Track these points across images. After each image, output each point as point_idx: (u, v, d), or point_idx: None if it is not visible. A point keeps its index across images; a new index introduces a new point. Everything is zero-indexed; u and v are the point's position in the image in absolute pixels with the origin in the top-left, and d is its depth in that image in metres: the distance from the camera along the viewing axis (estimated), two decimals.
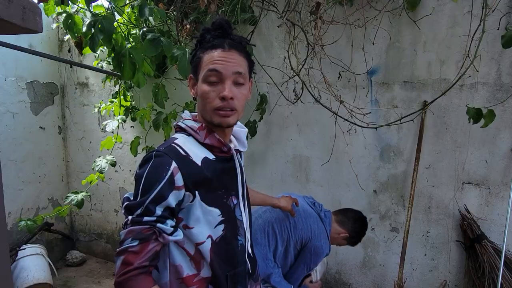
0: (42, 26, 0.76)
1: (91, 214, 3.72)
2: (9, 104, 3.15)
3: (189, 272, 1.05)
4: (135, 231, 0.96)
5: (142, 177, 1.00)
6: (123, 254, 0.95)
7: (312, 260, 1.83)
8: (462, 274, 2.25)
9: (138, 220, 0.96)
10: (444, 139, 2.22)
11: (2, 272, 0.69)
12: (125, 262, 0.95)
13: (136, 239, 0.95)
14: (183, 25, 2.55)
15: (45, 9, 2.30)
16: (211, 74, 1.02)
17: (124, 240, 0.96)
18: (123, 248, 0.96)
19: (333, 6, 2.32)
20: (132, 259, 0.94)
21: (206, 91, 1.03)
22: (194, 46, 1.11)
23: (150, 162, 1.01)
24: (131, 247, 0.95)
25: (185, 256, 1.05)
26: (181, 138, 1.06)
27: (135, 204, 0.98)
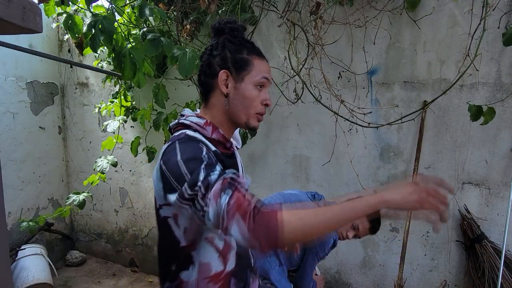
0: (42, 26, 0.76)
1: (91, 214, 3.72)
2: (9, 104, 3.15)
3: (217, 269, 1.03)
4: (217, 190, 0.85)
5: (178, 163, 0.91)
6: (231, 212, 0.82)
7: (319, 248, 1.79)
8: (462, 274, 2.25)
9: (207, 182, 0.86)
10: (444, 139, 2.22)
11: (2, 272, 0.69)
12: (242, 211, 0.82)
13: (225, 192, 0.84)
14: (183, 25, 2.55)
15: (45, 10, 2.30)
16: (264, 82, 1.06)
17: (218, 204, 0.83)
18: (225, 210, 0.82)
19: (333, 6, 2.32)
20: (241, 205, 0.82)
21: (255, 96, 1.05)
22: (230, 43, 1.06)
23: (176, 148, 0.95)
24: (230, 200, 0.83)
25: (214, 253, 1.03)
26: (189, 132, 1.03)
27: (195, 175, 0.88)
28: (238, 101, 1.05)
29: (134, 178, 3.41)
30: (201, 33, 2.67)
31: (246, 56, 1.05)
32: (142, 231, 3.46)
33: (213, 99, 1.07)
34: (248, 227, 0.81)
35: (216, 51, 1.06)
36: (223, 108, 1.06)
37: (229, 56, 1.05)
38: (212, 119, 1.07)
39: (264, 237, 0.81)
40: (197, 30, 2.64)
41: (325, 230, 0.85)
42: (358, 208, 0.85)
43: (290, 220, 0.82)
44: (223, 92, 1.04)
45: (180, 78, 2.70)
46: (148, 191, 3.36)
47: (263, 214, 0.82)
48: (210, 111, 1.08)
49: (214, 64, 1.05)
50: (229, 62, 1.05)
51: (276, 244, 0.82)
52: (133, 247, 3.53)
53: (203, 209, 0.86)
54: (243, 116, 1.06)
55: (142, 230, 3.46)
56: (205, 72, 1.07)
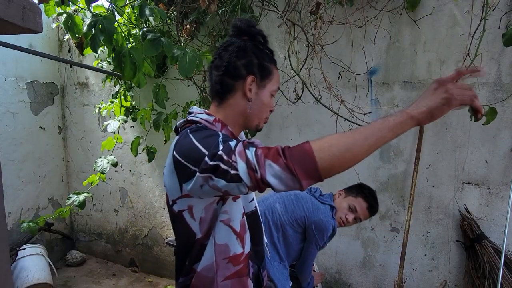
0: (42, 26, 0.76)
1: (91, 214, 3.72)
2: (9, 104, 3.15)
3: (236, 251, 1.04)
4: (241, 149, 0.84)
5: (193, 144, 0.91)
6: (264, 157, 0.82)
7: (318, 237, 1.78)
8: (462, 274, 2.25)
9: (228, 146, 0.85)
10: (444, 139, 2.22)
11: (2, 272, 0.69)
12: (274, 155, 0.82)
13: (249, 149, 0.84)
14: (183, 25, 2.55)
15: (45, 10, 2.30)
16: (276, 90, 1.13)
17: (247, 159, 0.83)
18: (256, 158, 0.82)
19: (333, 6, 2.32)
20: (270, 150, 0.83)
21: (269, 103, 1.11)
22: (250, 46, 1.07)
23: (189, 135, 0.95)
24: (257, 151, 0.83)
25: (231, 234, 1.03)
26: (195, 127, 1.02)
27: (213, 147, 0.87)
28: (257, 106, 1.08)
29: (134, 178, 3.41)
30: (201, 33, 2.67)
31: (269, 65, 1.09)
32: (142, 231, 3.46)
33: (231, 100, 1.07)
34: (281, 166, 0.80)
35: (242, 53, 1.06)
36: (239, 109, 1.08)
37: (256, 62, 1.06)
38: (224, 118, 1.08)
39: (300, 169, 0.80)
40: (197, 30, 2.64)
41: (358, 153, 0.82)
42: (387, 128, 0.83)
43: (322, 147, 0.81)
44: (248, 97, 1.06)
45: (180, 78, 2.70)
46: (148, 191, 3.36)
47: (293, 149, 0.82)
48: (224, 110, 1.08)
49: (239, 66, 1.05)
50: (256, 68, 1.06)
51: (314, 174, 0.81)
52: (133, 247, 3.53)
53: (230, 172, 0.83)
54: (256, 120, 1.11)
55: (142, 230, 3.46)
56: (228, 72, 1.06)
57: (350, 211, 1.85)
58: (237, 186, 0.84)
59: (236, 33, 1.09)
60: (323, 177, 0.82)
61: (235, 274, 1.05)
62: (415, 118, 0.83)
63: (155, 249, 3.41)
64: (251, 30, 1.08)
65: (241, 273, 1.06)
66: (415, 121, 0.84)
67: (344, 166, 0.82)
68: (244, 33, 1.08)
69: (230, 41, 1.09)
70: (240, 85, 1.06)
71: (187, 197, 0.99)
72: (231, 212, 1.03)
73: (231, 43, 1.08)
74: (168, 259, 3.34)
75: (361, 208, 1.84)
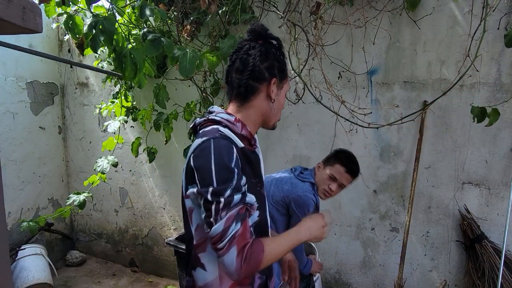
0: (42, 26, 0.76)
1: (91, 214, 3.72)
2: (9, 104, 3.15)
3: None
4: (234, 215, 0.96)
5: (210, 165, 0.98)
6: (234, 243, 0.95)
7: (299, 213, 1.79)
8: (462, 274, 2.25)
9: (230, 200, 0.96)
10: (444, 139, 2.22)
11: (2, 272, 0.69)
12: (241, 248, 0.96)
13: (238, 221, 0.96)
14: (184, 26, 2.55)
15: (45, 10, 2.30)
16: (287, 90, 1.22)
17: (227, 227, 0.95)
18: (230, 237, 0.95)
19: (333, 6, 2.32)
20: (242, 241, 0.96)
21: (284, 103, 1.22)
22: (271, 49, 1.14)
23: (211, 148, 1.00)
24: (236, 232, 0.95)
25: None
26: (221, 128, 1.07)
27: (223, 187, 0.96)
28: (277, 106, 1.17)
29: (134, 178, 3.41)
30: (201, 34, 2.67)
31: (285, 67, 1.18)
32: (142, 231, 3.46)
33: (255, 101, 1.13)
34: (238, 263, 0.95)
35: (264, 56, 1.12)
36: (262, 110, 1.15)
37: (276, 65, 1.14)
38: (245, 118, 1.13)
39: (245, 273, 0.97)
40: (197, 31, 2.64)
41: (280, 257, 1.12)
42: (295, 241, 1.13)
43: (266, 259, 1.00)
44: (271, 98, 1.14)
45: (180, 78, 2.70)
46: (148, 191, 3.36)
47: (252, 255, 0.97)
48: (246, 111, 1.13)
49: (263, 70, 1.11)
50: (276, 70, 1.14)
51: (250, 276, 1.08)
52: (133, 247, 3.53)
53: (211, 219, 0.96)
54: (274, 119, 1.19)
55: (142, 230, 3.46)
56: (254, 76, 1.11)
57: (331, 180, 1.84)
58: (206, 228, 0.99)
59: (253, 37, 1.15)
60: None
61: (236, 283, 1.08)
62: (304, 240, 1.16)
63: (155, 249, 3.41)
64: (268, 34, 1.15)
65: (243, 283, 1.09)
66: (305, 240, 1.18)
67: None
68: (261, 37, 1.14)
69: (248, 45, 1.13)
70: (264, 87, 1.12)
71: (189, 199, 1.05)
72: None
73: (251, 47, 1.13)
74: (168, 259, 3.34)
75: (341, 174, 1.83)
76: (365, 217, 2.50)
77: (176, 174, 3.15)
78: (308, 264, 1.97)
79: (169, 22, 2.58)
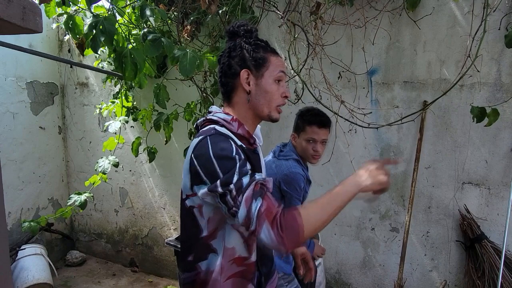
0: (42, 26, 0.76)
1: (91, 214, 3.72)
2: (9, 104, 3.15)
3: (241, 254, 1.09)
4: (250, 195, 0.95)
5: (211, 159, 0.99)
6: (262, 219, 0.93)
7: (291, 190, 1.75)
8: (462, 274, 2.25)
9: (239, 184, 0.96)
10: (444, 139, 2.22)
11: (2, 272, 0.69)
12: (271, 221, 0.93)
13: (257, 198, 0.95)
14: (184, 26, 2.55)
15: (46, 10, 2.30)
16: (282, 75, 1.15)
17: (249, 208, 0.94)
18: (256, 215, 0.93)
19: (333, 6, 2.32)
20: (270, 214, 0.93)
21: (275, 90, 1.14)
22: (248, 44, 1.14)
23: (208, 144, 1.01)
24: (259, 208, 0.94)
25: (240, 238, 1.09)
26: (218, 127, 1.09)
27: (229, 175, 0.97)
28: (261, 96, 1.13)
29: (134, 178, 3.41)
30: (202, 34, 2.67)
31: (263, 54, 1.14)
32: (142, 231, 3.46)
33: (236, 98, 1.14)
34: (275, 234, 0.92)
35: (234, 52, 1.13)
36: (246, 104, 1.14)
37: (247, 56, 1.12)
38: (238, 115, 1.14)
39: (289, 241, 0.92)
40: (198, 31, 2.64)
41: (328, 222, 0.99)
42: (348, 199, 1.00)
43: (310, 223, 0.94)
44: (246, 90, 1.12)
45: (180, 78, 2.70)
46: (148, 191, 3.36)
47: (288, 223, 0.93)
48: (233, 109, 1.15)
49: (233, 65, 1.12)
50: (248, 61, 1.12)
51: (298, 244, 0.96)
52: (133, 247, 3.53)
53: (233, 209, 0.96)
54: (266, 109, 1.14)
55: (142, 230, 3.46)
56: (225, 73, 1.14)
57: (311, 143, 1.81)
58: (232, 218, 0.98)
59: (230, 37, 1.17)
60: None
61: (237, 274, 1.09)
62: (362, 190, 1.01)
63: (155, 249, 3.41)
64: (241, 29, 1.15)
65: (244, 274, 1.10)
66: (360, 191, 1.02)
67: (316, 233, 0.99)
68: (237, 35, 1.15)
69: (227, 46, 1.16)
70: (238, 81, 1.12)
71: (197, 196, 1.05)
72: None
73: (228, 47, 1.15)
74: (168, 259, 3.34)
75: (316, 133, 1.80)
76: (365, 217, 2.50)
77: (176, 174, 3.15)
78: (311, 246, 1.93)
79: (169, 22, 2.58)
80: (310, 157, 1.83)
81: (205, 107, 2.64)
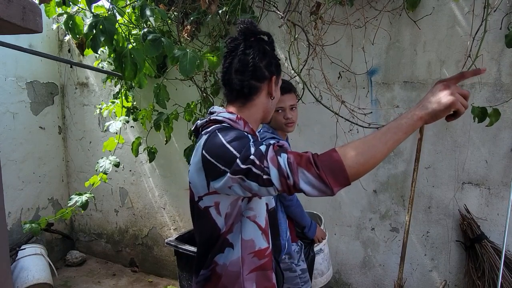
0: (42, 26, 0.76)
1: (91, 214, 3.72)
2: (9, 104, 3.15)
3: (261, 246, 1.09)
4: (273, 155, 0.89)
5: (225, 145, 0.95)
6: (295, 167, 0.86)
7: None
8: (462, 274, 2.25)
9: (259, 152, 0.90)
10: (444, 139, 2.22)
11: (2, 272, 0.69)
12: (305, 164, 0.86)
13: (281, 154, 0.89)
14: (184, 26, 2.55)
15: (46, 10, 2.30)
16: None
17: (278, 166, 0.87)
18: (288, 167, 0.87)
19: (334, 6, 2.32)
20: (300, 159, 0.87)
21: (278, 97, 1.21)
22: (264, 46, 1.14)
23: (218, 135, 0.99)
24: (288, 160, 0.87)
25: (257, 230, 1.09)
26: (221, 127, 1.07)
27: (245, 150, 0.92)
28: (275, 102, 1.19)
29: (134, 178, 3.41)
30: (202, 34, 2.67)
31: (279, 62, 1.18)
32: (142, 231, 3.46)
33: (257, 100, 1.14)
34: (314, 175, 0.85)
35: (260, 55, 1.11)
36: (263, 107, 1.15)
37: (273, 62, 1.15)
38: (247, 116, 1.13)
39: (332, 178, 0.85)
40: (198, 31, 2.64)
41: (379, 157, 0.88)
42: (401, 131, 0.88)
43: (350, 156, 0.86)
44: (272, 95, 1.14)
45: (180, 78, 2.70)
46: (148, 191, 3.36)
47: (323, 158, 0.87)
48: (248, 110, 1.14)
49: (263, 68, 1.12)
50: (274, 67, 1.15)
51: (344, 181, 0.86)
52: (133, 247, 3.53)
53: (264, 177, 0.88)
54: (272, 114, 1.21)
55: (142, 230, 3.46)
56: (255, 76, 1.11)
57: (281, 112, 1.80)
58: (267, 190, 0.90)
59: (246, 35, 1.13)
60: (351, 182, 0.88)
61: (259, 267, 1.10)
62: (423, 119, 0.89)
63: (155, 249, 3.41)
64: (259, 31, 1.14)
65: (265, 266, 1.11)
66: (423, 121, 0.89)
67: (369, 170, 0.89)
68: (253, 34, 1.13)
69: (243, 44, 1.12)
70: (265, 85, 1.13)
71: (214, 194, 1.03)
72: (256, 208, 1.08)
73: (247, 46, 1.11)
74: (168, 259, 3.34)
75: (281, 101, 1.77)
76: (365, 217, 2.50)
77: (176, 174, 3.15)
78: (312, 227, 1.92)
79: (169, 22, 2.58)
80: (284, 126, 1.82)
81: (205, 107, 2.64)
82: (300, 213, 1.87)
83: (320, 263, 2.06)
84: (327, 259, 2.12)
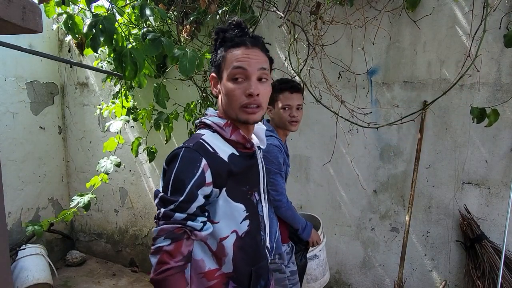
0: (42, 26, 0.76)
1: (91, 214, 3.72)
2: (9, 104, 3.15)
3: (211, 267, 1.06)
4: (166, 230, 0.97)
5: (172, 173, 1.00)
6: (158, 254, 0.97)
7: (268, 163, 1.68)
8: (462, 274, 2.25)
9: (170, 215, 0.97)
10: (444, 139, 2.22)
11: (2, 272, 0.69)
12: (161, 262, 0.96)
13: (168, 238, 0.96)
14: (184, 25, 2.55)
15: (45, 10, 2.30)
16: (236, 72, 1.02)
17: (157, 237, 0.98)
18: (157, 247, 0.97)
19: (333, 6, 2.32)
20: (167, 259, 0.96)
21: (232, 89, 1.03)
22: (213, 47, 1.10)
23: (179, 158, 1.00)
24: (165, 247, 0.96)
25: (207, 251, 1.06)
26: (207, 134, 1.06)
27: (170, 199, 0.99)
28: (224, 99, 1.07)
29: (134, 178, 3.41)
30: (201, 33, 2.67)
31: (222, 54, 1.06)
32: (142, 231, 3.46)
33: (217, 102, 1.12)
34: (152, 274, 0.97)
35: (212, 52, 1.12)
36: (220, 108, 1.11)
37: (212, 60, 1.10)
38: (227, 119, 1.09)
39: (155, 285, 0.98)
40: (197, 30, 2.63)
41: None
42: None
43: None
44: (213, 94, 1.12)
45: (180, 78, 2.70)
46: (148, 191, 3.36)
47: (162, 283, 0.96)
48: (221, 112, 1.12)
49: (211, 65, 1.11)
50: (212, 65, 1.10)
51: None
52: (133, 247, 3.53)
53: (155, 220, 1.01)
54: (232, 113, 1.06)
55: (142, 230, 3.46)
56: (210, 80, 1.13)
57: (287, 110, 1.81)
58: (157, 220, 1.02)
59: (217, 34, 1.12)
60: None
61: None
62: None
63: None
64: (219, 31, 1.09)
65: None
66: None
67: None
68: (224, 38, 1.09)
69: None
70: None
71: None
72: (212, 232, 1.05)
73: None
74: None
75: (289, 98, 1.80)
76: (365, 217, 2.50)
77: None
78: (307, 228, 1.89)
79: (169, 22, 2.58)
80: (288, 124, 1.82)
81: (205, 107, 2.64)
82: (291, 216, 1.84)
83: (314, 269, 2.02)
84: (322, 265, 2.08)
